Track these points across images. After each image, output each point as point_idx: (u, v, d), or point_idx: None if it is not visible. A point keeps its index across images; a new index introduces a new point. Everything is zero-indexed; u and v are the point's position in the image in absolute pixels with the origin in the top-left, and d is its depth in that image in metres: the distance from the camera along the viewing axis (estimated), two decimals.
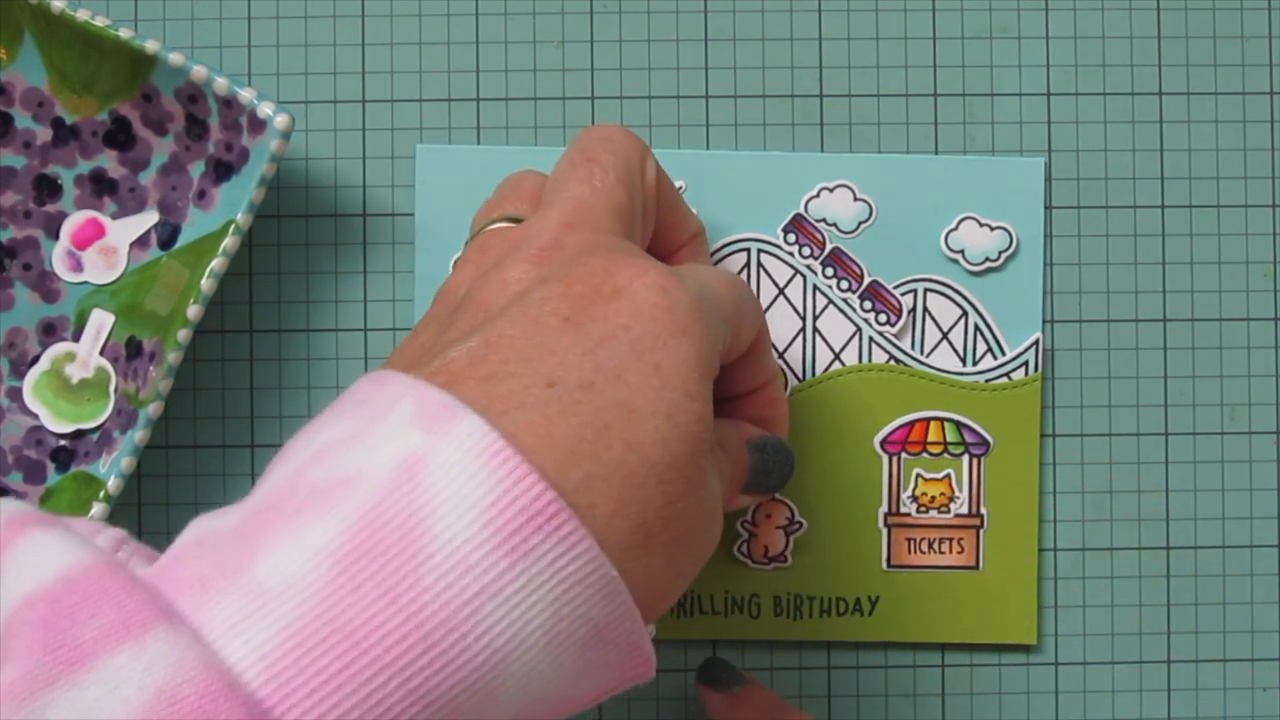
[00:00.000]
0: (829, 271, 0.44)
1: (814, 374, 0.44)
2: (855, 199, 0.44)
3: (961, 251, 0.44)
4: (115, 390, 0.43)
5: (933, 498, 0.44)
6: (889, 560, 0.44)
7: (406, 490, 0.28)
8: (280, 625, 0.26)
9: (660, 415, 0.31)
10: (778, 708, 0.42)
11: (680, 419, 0.31)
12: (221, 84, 0.41)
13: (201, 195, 0.43)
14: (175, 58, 0.41)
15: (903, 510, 0.44)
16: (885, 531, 0.44)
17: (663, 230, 0.39)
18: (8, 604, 0.27)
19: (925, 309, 0.44)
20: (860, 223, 0.44)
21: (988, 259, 0.44)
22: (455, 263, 0.37)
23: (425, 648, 0.27)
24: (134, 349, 0.42)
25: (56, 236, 0.43)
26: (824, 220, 0.44)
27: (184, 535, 0.29)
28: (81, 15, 0.41)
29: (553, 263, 0.33)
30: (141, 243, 0.43)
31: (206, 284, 0.40)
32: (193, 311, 0.40)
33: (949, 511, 0.44)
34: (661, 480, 0.31)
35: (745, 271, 0.44)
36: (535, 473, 0.28)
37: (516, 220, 0.36)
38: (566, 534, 0.28)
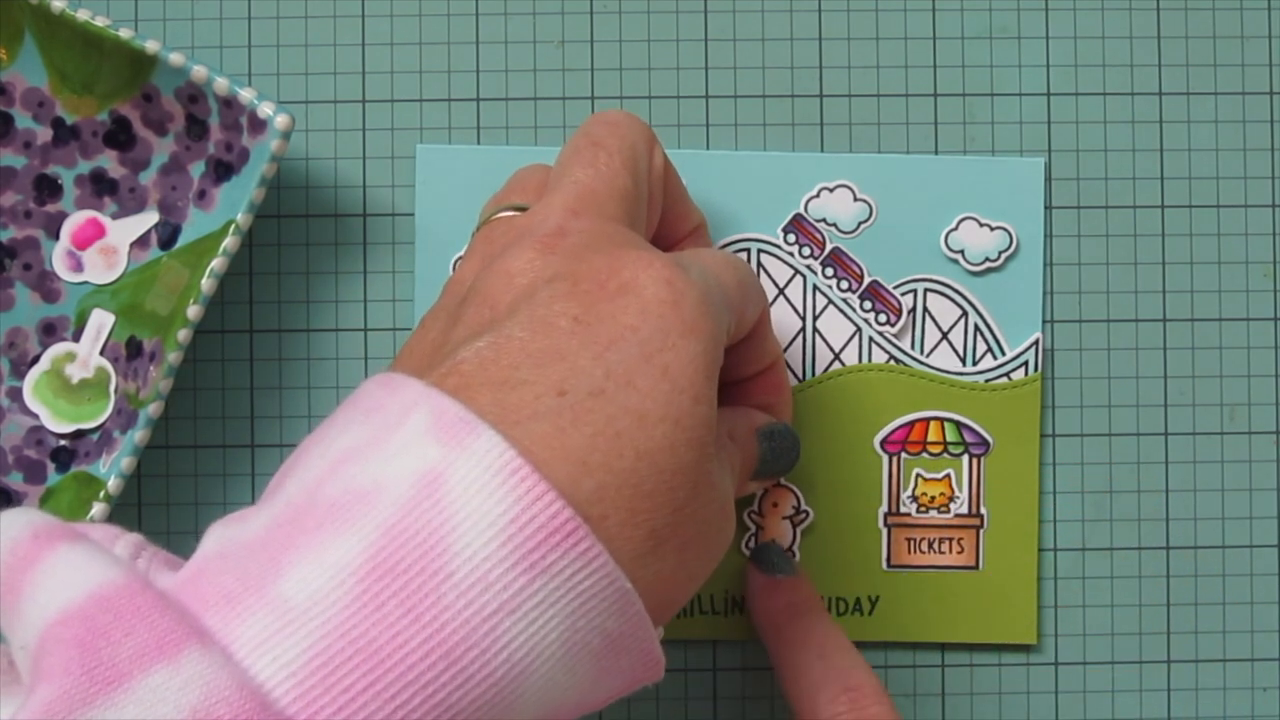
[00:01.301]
0: (829, 271, 0.44)
1: (814, 374, 0.44)
2: (855, 199, 0.44)
3: (961, 251, 0.44)
4: (115, 390, 0.43)
5: (933, 498, 0.44)
6: (889, 560, 0.44)
7: (426, 507, 0.28)
8: (308, 643, 0.27)
9: (669, 421, 0.31)
10: (804, 605, 0.42)
11: (687, 423, 0.31)
12: (222, 84, 0.41)
13: (201, 195, 0.43)
14: (175, 58, 0.41)
15: (903, 510, 0.44)
16: (885, 531, 0.44)
17: (666, 220, 0.39)
18: (40, 622, 0.27)
19: (925, 309, 0.44)
20: (860, 223, 0.44)
21: (988, 259, 0.44)
22: (460, 257, 0.37)
23: (448, 664, 0.27)
24: (134, 349, 0.43)
25: (57, 236, 0.43)
26: (824, 220, 0.44)
27: (206, 543, 0.29)
28: (82, 15, 0.41)
29: (556, 251, 0.33)
30: (142, 243, 0.43)
31: (206, 284, 0.40)
32: (193, 311, 0.40)
33: (949, 511, 0.44)
34: (670, 487, 0.31)
35: None
36: (553, 490, 0.28)
37: (523, 209, 0.36)
38: (583, 550, 0.28)
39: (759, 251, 0.44)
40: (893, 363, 0.44)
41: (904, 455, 0.44)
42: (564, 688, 0.29)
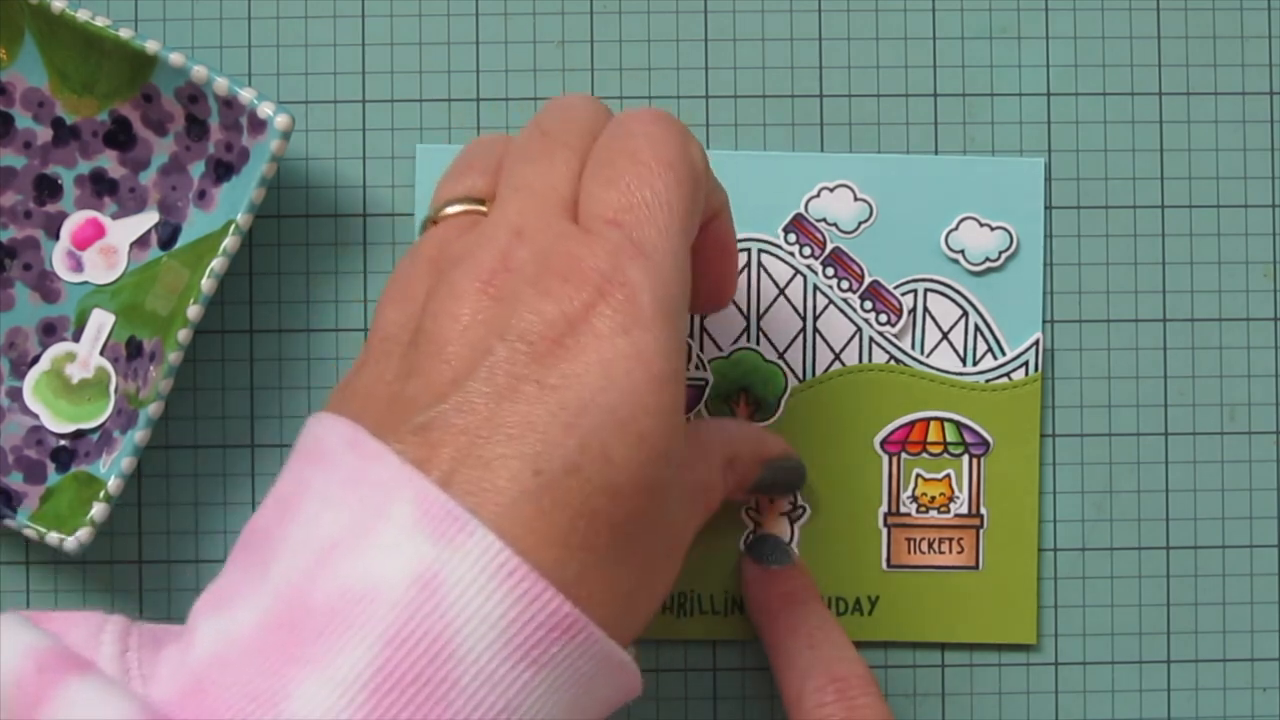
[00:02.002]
0: (829, 271, 0.44)
1: (814, 374, 0.44)
2: (855, 199, 0.44)
3: (961, 251, 0.44)
4: (115, 390, 0.43)
5: (933, 498, 0.44)
6: (889, 560, 0.44)
7: (426, 612, 0.28)
8: None
9: (643, 492, 0.31)
10: (798, 595, 0.42)
11: (660, 491, 0.31)
12: (222, 84, 0.41)
13: (201, 195, 0.43)
14: (175, 58, 0.41)
15: (903, 510, 0.44)
16: (885, 531, 0.44)
17: None
18: None
19: (925, 309, 0.44)
20: (860, 223, 0.44)
21: (988, 259, 0.44)
22: (411, 248, 0.35)
23: None
24: (134, 349, 0.43)
25: (57, 236, 0.43)
26: (824, 220, 0.44)
27: (200, 644, 0.29)
28: (82, 15, 0.41)
29: (503, 297, 0.31)
30: (142, 243, 0.43)
31: (206, 284, 0.40)
32: (193, 311, 0.40)
33: (949, 511, 0.44)
34: (643, 554, 0.31)
35: (745, 271, 0.44)
36: (551, 588, 0.28)
37: (476, 201, 0.35)
38: (583, 640, 0.29)
39: (759, 251, 0.44)
40: (893, 363, 0.44)
41: (904, 455, 0.44)
42: None
